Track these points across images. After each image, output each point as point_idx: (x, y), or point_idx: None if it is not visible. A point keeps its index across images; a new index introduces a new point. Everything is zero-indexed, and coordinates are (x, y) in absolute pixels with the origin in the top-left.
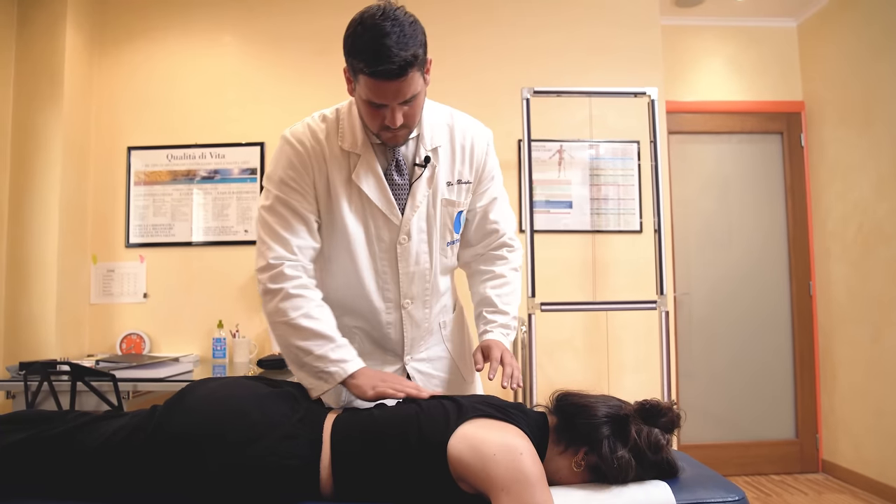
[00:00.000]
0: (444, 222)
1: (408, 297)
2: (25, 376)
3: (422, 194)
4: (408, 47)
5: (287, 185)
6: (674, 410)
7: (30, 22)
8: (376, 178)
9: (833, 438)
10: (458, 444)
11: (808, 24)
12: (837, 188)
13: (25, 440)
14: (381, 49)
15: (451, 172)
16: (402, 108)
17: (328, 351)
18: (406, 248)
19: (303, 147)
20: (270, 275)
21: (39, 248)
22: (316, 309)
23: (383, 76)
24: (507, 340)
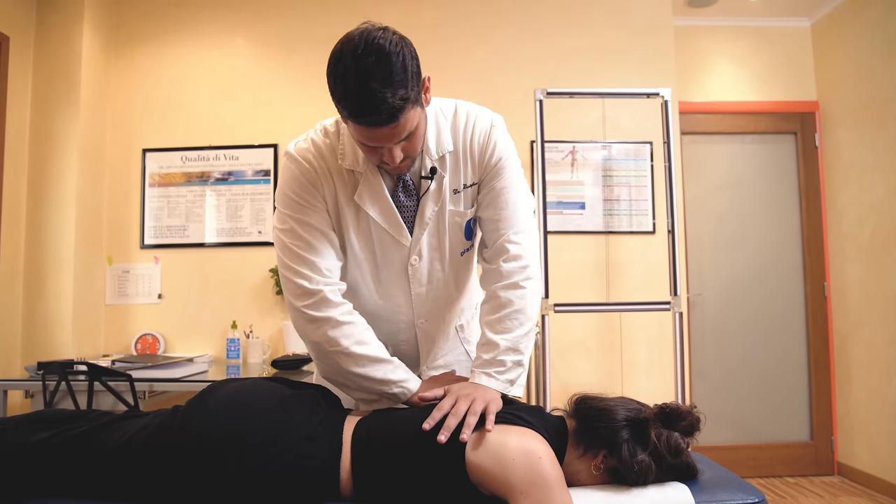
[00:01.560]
0: (455, 234)
1: (421, 316)
2: (44, 376)
3: (430, 210)
4: (396, 88)
5: (300, 205)
6: (694, 414)
7: (48, 26)
8: (381, 199)
9: (849, 441)
10: (477, 448)
11: (821, 23)
12: (852, 189)
13: (49, 439)
14: (364, 97)
15: (457, 179)
16: (400, 145)
17: (388, 373)
18: (417, 268)
19: (309, 164)
20: (312, 303)
21: (56, 250)
22: (366, 333)
23: (371, 124)
24: (495, 383)
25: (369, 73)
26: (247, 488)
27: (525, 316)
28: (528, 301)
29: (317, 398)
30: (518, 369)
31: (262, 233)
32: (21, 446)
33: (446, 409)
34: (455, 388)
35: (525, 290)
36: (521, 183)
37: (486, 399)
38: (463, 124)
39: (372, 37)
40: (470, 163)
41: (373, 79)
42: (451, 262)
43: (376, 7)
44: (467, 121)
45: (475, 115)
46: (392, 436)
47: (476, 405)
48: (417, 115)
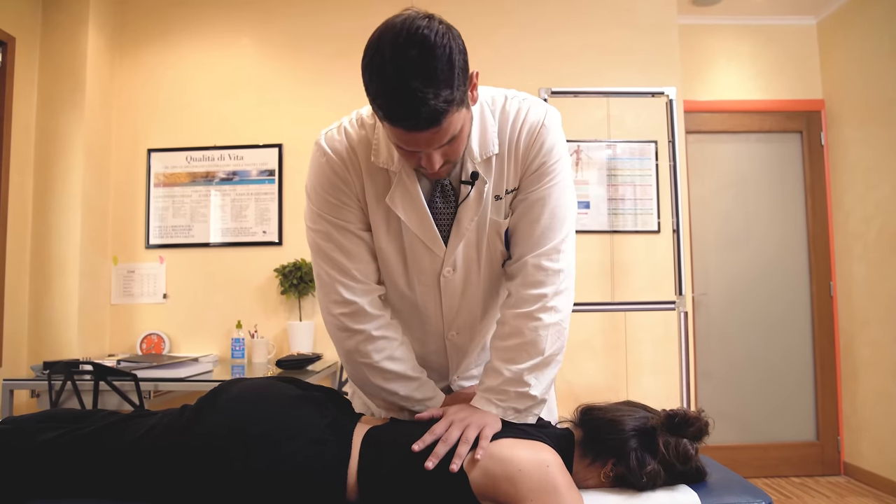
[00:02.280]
0: (494, 245)
1: (453, 328)
2: (50, 376)
3: (468, 219)
4: (440, 88)
5: (332, 205)
6: (702, 419)
7: (53, 26)
8: (415, 203)
9: (855, 441)
10: (486, 460)
11: (827, 21)
12: (859, 188)
13: (56, 439)
14: (403, 97)
15: (500, 183)
16: (441, 149)
17: (412, 391)
18: (451, 280)
19: (339, 158)
20: (348, 312)
21: (62, 250)
22: (398, 349)
23: (410, 129)
24: (496, 409)
25: (410, 69)
26: (253, 489)
27: (535, 349)
28: (541, 334)
29: (326, 401)
30: (525, 400)
31: (267, 233)
32: (29, 446)
33: (439, 433)
34: (452, 410)
35: (539, 323)
36: (565, 193)
37: (480, 424)
38: (511, 121)
39: (415, 26)
40: (513, 164)
41: (414, 76)
42: (490, 276)
43: (380, 7)
44: (517, 117)
45: (527, 108)
46: (401, 444)
47: (469, 432)
48: (462, 118)
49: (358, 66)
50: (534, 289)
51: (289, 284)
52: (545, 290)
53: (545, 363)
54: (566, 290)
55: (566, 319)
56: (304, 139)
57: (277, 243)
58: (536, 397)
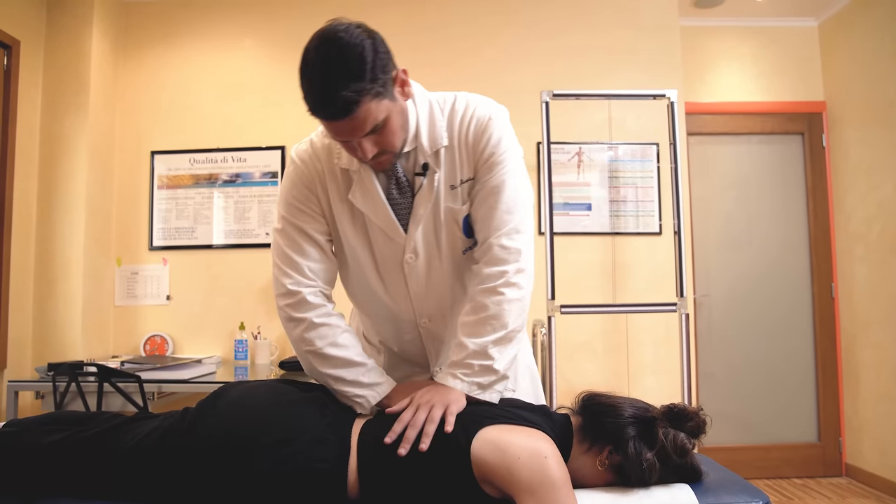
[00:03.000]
0: (452, 231)
1: (424, 315)
2: (54, 377)
3: (424, 207)
4: (351, 80)
5: (294, 207)
6: (700, 416)
7: (57, 29)
8: (373, 196)
9: (856, 442)
10: (483, 447)
11: (829, 23)
12: (860, 189)
13: (62, 441)
14: (319, 90)
15: (453, 174)
16: (370, 138)
17: (359, 375)
18: (414, 266)
19: (305, 166)
20: (291, 303)
21: (66, 251)
22: (342, 336)
23: (329, 118)
24: (461, 384)
25: (326, 64)
26: (256, 490)
27: (499, 322)
28: (505, 307)
29: (325, 401)
30: (488, 375)
31: (270, 234)
32: (35, 447)
33: (407, 419)
34: (418, 395)
35: (502, 297)
36: (518, 180)
37: (445, 402)
38: (460, 116)
39: (334, 30)
40: (465, 156)
41: (329, 70)
42: (452, 261)
43: (384, 7)
44: (465, 112)
45: (474, 105)
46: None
47: (434, 411)
48: (384, 108)
49: None
50: (496, 266)
51: None
52: (507, 266)
53: (508, 338)
54: (527, 269)
55: (527, 298)
56: None
57: None
58: (499, 371)
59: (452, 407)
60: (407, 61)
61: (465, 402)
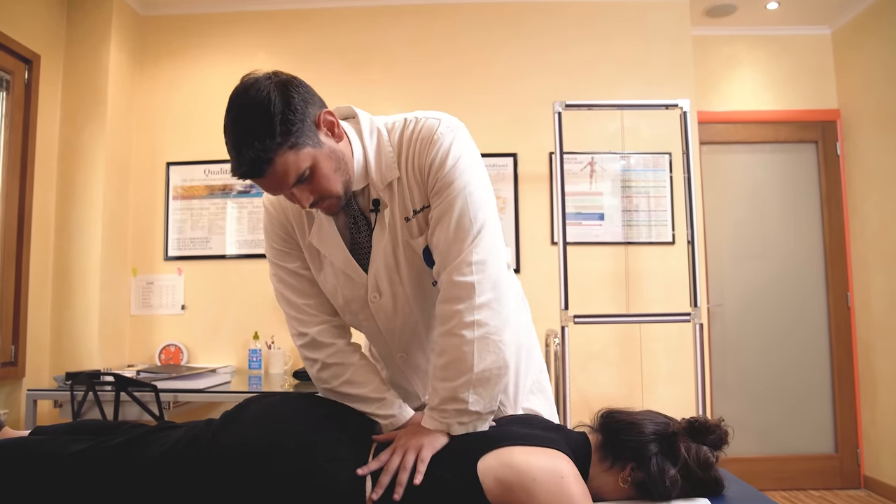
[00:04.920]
0: (414, 265)
1: (400, 350)
2: (72, 386)
3: (380, 244)
4: (258, 140)
5: (276, 251)
6: (722, 427)
7: (76, 44)
8: (331, 238)
9: (875, 454)
10: (499, 467)
11: (842, 31)
12: (876, 197)
13: (86, 451)
14: (231, 152)
15: (405, 206)
16: (301, 186)
17: (375, 409)
18: (380, 304)
19: (275, 210)
20: (304, 343)
21: (83, 261)
22: (356, 373)
23: (248, 176)
24: (441, 426)
25: (233, 127)
26: (275, 503)
27: (464, 365)
28: (465, 350)
29: (344, 418)
30: (466, 416)
31: None
32: (59, 457)
33: (383, 461)
34: (399, 435)
35: (461, 339)
36: (473, 198)
37: (418, 447)
38: (406, 142)
39: (242, 88)
40: (415, 183)
41: (236, 133)
42: (420, 295)
43: (394, 19)
44: (411, 136)
45: (420, 126)
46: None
47: (407, 458)
48: (306, 157)
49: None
50: (450, 304)
51: None
52: (460, 305)
53: (480, 379)
54: (489, 302)
55: (500, 331)
56: None
57: None
58: (480, 412)
59: (424, 452)
60: (417, 71)
61: (441, 443)
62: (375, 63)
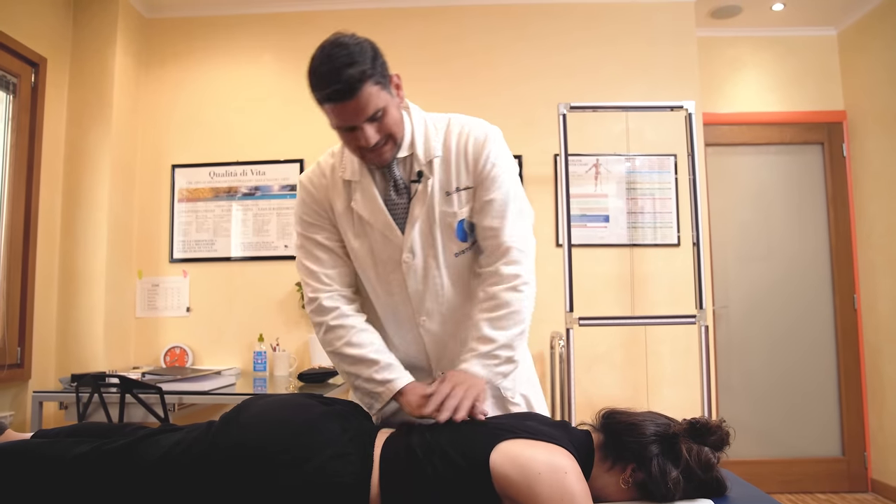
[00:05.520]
0: (447, 234)
1: (422, 314)
2: (77, 388)
3: (419, 210)
4: (353, 65)
5: (306, 222)
6: (723, 428)
7: (83, 47)
8: (372, 200)
9: (883, 457)
10: (503, 462)
11: (848, 32)
12: (882, 199)
13: (88, 453)
14: (327, 73)
15: (448, 182)
16: (372, 125)
17: (373, 373)
18: (411, 265)
19: (312, 185)
20: (312, 309)
21: (89, 264)
22: (357, 335)
23: (336, 98)
24: (488, 372)
25: (329, 56)
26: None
27: (521, 317)
28: (525, 304)
29: (347, 415)
30: (510, 365)
31: (289, 247)
32: (61, 460)
33: (445, 392)
34: (450, 375)
35: (523, 295)
36: (519, 194)
37: (477, 389)
38: (456, 133)
39: (335, 36)
40: (464, 167)
41: (333, 60)
42: (446, 262)
43: (400, 21)
44: (461, 130)
45: (470, 126)
46: (420, 450)
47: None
48: (384, 98)
49: None
50: (514, 266)
51: None
52: (520, 269)
53: (524, 332)
54: (532, 274)
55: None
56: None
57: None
58: (518, 362)
59: (482, 396)
60: (424, 73)
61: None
62: None
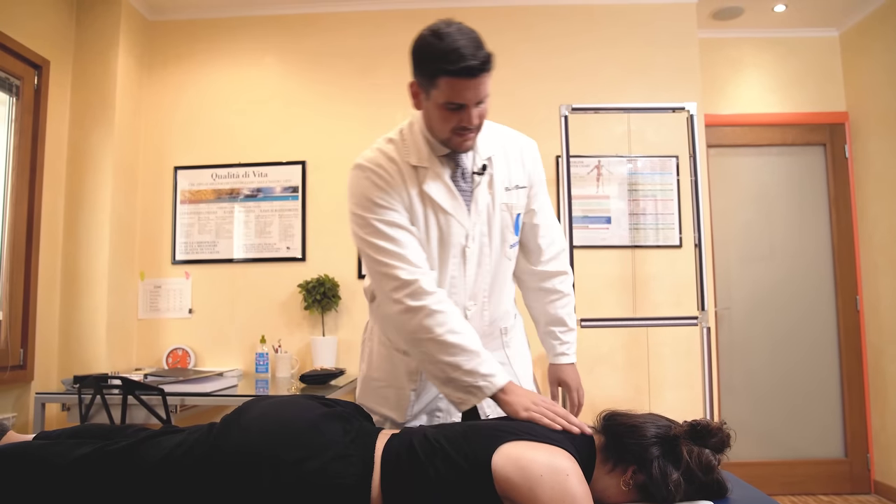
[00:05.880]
0: (505, 224)
1: (471, 299)
2: (80, 390)
3: (483, 199)
4: (483, 49)
5: (379, 206)
6: (724, 430)
7: (85, 49)
8: (445, 185)
9: (886, 458)
10: (505, 464)
11: (850, 33)
12: (885, 200)
13: (90, 454)
14: (462, 49)
15: (507, 178)
16: (479, 108)
17: (477, 365)
18: (472, 250)
19: (380, 168)
20: (409, 292)
21: (92, 265)
22: (459, 323)
23: (465, 73)
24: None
25: (463, 35)
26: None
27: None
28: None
29: (348, 416)
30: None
31: (291, 248)
32: (63, 461)
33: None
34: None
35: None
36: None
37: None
38: (508, 136)
39: (453, 22)
40: (519, 167)
41: (465, 38)
42: (500, 252)
43: (402, 23)
44: (514, 136)
45: (513, 132)
46: (421, 451)
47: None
48: (489, 88)
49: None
50: (566, 266)
51: (312, 300)
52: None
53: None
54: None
55: None
56: (328, 156)
57: (301, 259)
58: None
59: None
60: None
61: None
62: (383, 67)
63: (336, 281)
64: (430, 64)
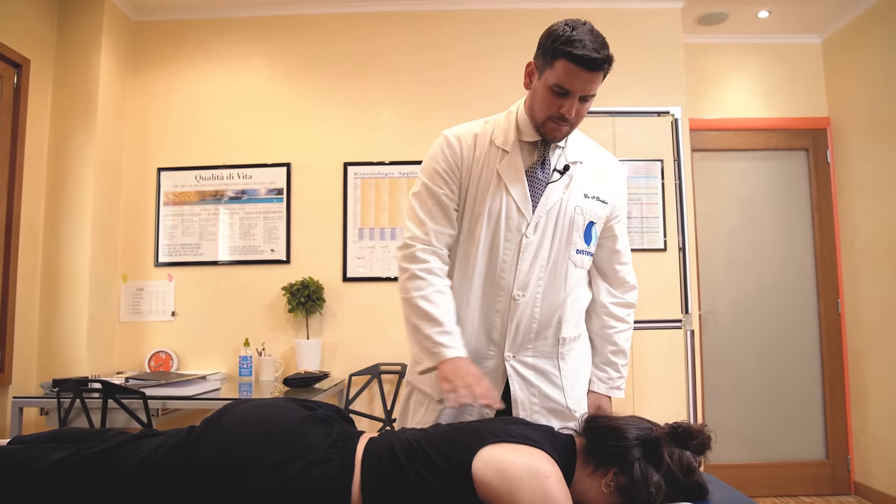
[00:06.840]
0: (575, 227)
1: (521, 288)
2: (59, 393)
3: (555, 195)
4: (606, 50)
5: (437, 175)
6: (705, 433)
7: (67, 48)
8: (518, 171)
9: (865, 460)
10: (485, 467)
11: (832, 39)
12: (866, 205)
13: (66, 459)
14: (588, 42)
15: (587, 186)
16: (581, 103)
17: (434, 333)
18: (531, 241)
19: (458, 142)
20: (404, 254)
21: (73, 267)
22: (434, 294)
23: (583, 63)
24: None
25: (596, 35)
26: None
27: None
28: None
29: (329, 419)
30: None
31: (275, 251)
32: (39, 466)
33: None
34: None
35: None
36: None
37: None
38: (602, 153)
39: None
40: (605, 184)
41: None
42: (561, 251)
43: (393, 27)
44: (608, 155)
45: (612, 156)
46: (401, 454)
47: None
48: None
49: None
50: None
51: (296, 303)
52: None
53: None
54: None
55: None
56: (312, 158)
57: (285, 262)
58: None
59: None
60: (417, 79)
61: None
62: (373, 70)
63: (321, 283)
64: (555, 45)
